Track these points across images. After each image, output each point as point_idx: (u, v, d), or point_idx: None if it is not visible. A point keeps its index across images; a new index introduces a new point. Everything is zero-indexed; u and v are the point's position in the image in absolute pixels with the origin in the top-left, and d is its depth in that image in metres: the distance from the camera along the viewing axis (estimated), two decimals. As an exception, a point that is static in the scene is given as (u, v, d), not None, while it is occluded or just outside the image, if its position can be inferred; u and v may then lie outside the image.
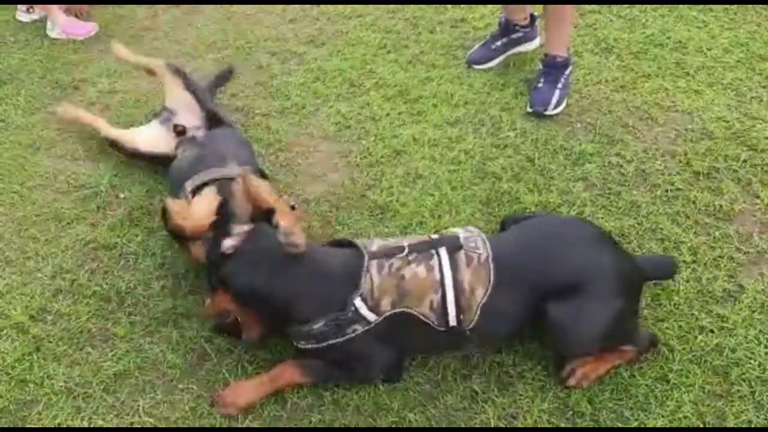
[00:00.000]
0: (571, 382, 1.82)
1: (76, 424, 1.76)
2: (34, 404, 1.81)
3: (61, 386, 1.84)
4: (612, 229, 2.24)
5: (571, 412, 1.79)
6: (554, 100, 2.73)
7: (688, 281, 2.08)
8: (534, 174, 2.49)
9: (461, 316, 1.74)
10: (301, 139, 2.72)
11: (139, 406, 1.80)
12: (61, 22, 3.42)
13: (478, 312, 1.74)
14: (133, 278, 2.15)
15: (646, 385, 1.83)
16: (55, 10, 3.42)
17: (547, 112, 2.73)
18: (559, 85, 2.76)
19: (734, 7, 3.33)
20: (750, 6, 3.33)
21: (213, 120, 2.49)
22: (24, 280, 2.15)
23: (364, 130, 2.75)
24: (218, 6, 3.66)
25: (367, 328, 1.73)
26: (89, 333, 1.99)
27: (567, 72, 2.79)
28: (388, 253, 1.76)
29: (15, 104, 2.96)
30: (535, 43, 3.10)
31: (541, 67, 2.82)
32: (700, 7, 3.34)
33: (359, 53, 3.20)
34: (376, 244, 1.80)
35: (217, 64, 3.18)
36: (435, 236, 1.85)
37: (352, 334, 1.73)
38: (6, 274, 2.16)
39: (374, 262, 1.75)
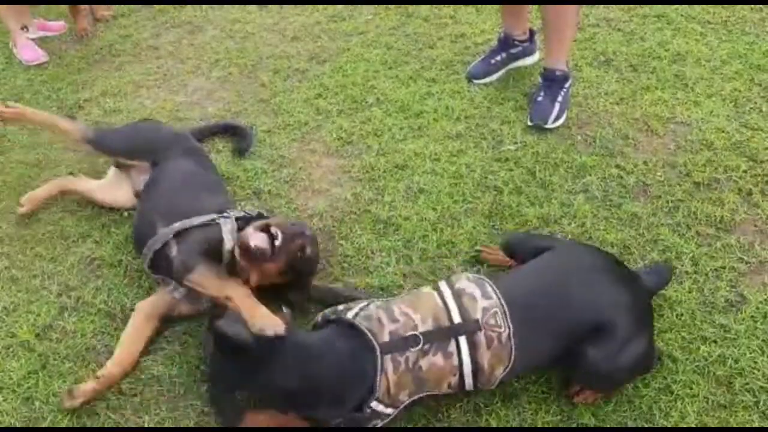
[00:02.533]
0: (578, 399, 1.82)
1: (82, 441, 1.77)
2: (40, 421, 1.82)
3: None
4: (613, 241, 2.25)
5: (575, 425, 1.79)
6: (554, 114, 2.75)
7: (690, 291, 2.08)
8: (535, 187, 2.50)
9: (478, 386, 1.73)
10: (303, 155, 2.74)
11: (144, 422, 1.81)
12: (19, 44, 3.47)
13: (497, 382, 1.73)
14: (137, 296, 2.16)
15: (650, 396, 1.83)
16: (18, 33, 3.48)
17: (547, 126, 2.75)
18: (559, 99, 2.78)
19: (732, 18, 3.36)
20: (748, 17, 3.36)
21: (155, 158, 2.35)
22: (30, 298, 2.16)
23: (367, 145, 2.77)
24: (220, 25, 3.71)
25: (387, 420, 1.70)
26: (94, 350, 2.00)
27: (566, 85, 2.81)
28: (402, 346, 1.64)
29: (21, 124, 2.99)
30: (534, 58, 3.13)
31: (540, 80, 2.85)
32: (698, 19, 3.37)
33: (361, 69, 3.23)
34: (386, 330, 1.66)
35: (221, 82, 3.21)
36: (447, 297, 1.72)
37: (372, 428, 1.71)
38: (12, 292, 2.18)
39: (388, 359, 1.63)
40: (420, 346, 1.65)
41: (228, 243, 1.97)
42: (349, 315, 1.72)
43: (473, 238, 2.31)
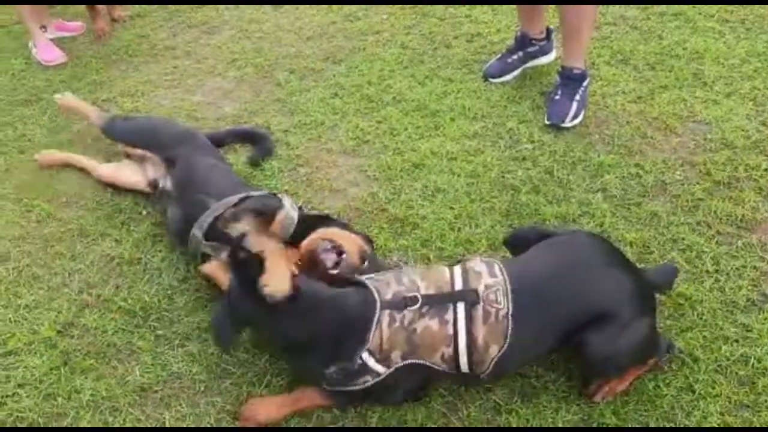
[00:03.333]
0: (598, 398, 1.81)
1: (104, 437, 1.78)
2: (62, 418, 1.83)
3: (89, 400, 1.86)
4: (633, 240, 2.24)
5: (595, 424, 1.77)
6: (572, 113, 2.74)
7: (711, 291, 2.07)
8: (553, 186, 2.49)
9: (473, 366, 1.72)
10: (320, 155, 2.75)
11: (164, 419, 1.82)
12: (38, 45, 3.49)
13: (492, 365, 1.72)
14: (157, 293, 2.17)
15: (672, 395, 1.81)
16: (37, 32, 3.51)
17: (565, 124, 2.74)
18: (577, 98, 2.77)
19: (750, 16, 3.33)
20: (767, 15, 3.33)
21: (168, 154, 2.41)
22: (51, 296, 2.18)
23: (383, 144, 2.77)
24: (236, 25, 3.73)
25: (377, 379, 1.71)
26: (115, 347, 2.01)
27: (584, 84, 2.80)
28: (400, 305, 1.69)
29: (40, 124, 3.03)
30: (551, 57, 3.12)
31: (558, 79, 2.84)
32: (717, 17, 3.35)
33: (376, 69, 3.23)
34: (391, 290, 1.72)
35: (237, 82, 3.22)
36: (456, 273, 1.76)
37: (363, 385, 1.72)
38: (34, 290, 2.20)
39: (386, 313, 1.68)
40: (418, 305, 1.68)
41: (288, 211, 2.03)
42: (363, 277, 1.79)
43: (491, 237, 2.30)
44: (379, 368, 1.69)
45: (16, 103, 3.17)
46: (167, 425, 1.80)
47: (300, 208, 2.14)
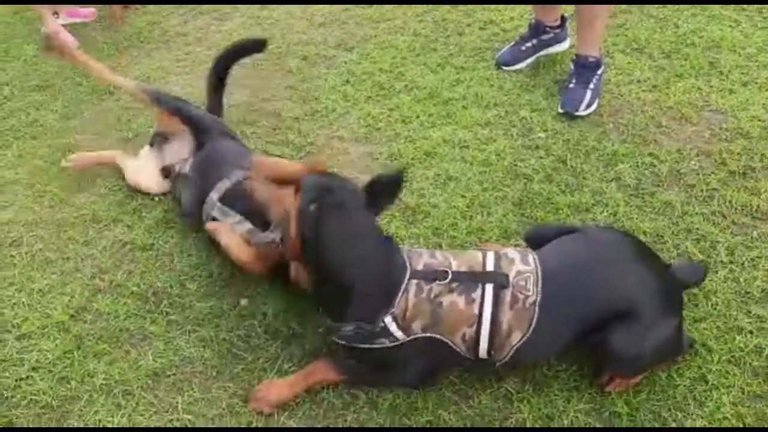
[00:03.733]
0: (609, 388, 1.80)
1: (116, 421, 1.79)
2: (75, 401, 1.84)
3: (102, 384, 1.87)
4: (647, 230, 2.22)
5: (607, 413, 1.77)
6: (585, 101, 2.72)
7: (725, 282, 2.05)
8: (566, 175, 2.48)
9: (492, 352, 1.72)
10: (331, 142, 2.74)
11: (177, 403, 1.83)
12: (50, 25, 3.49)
13: (511, 353, 1.71)
14: (169, 278, 2.18)
15: (685, 386, 1.80)
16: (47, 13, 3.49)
17: (579, 113, 2.72)
18: (591, 86, 2.74)
19: (768, 5, 3.29)
20: (784, 4, 3.29)
21: (200, 136, 2.38)
22: (64, 280, 2.19)
23: (395, 132, 2.76)
24: (247, 12, 3.71)
25: (394, 344, 1.71)
26: (128, 332, 2.02)
27: (599, 72, 2.77)
28: (430, 276, 1.70)
29: (53, 109, 3.03)
30: (565, 45, 3.09)
31: (572, 67, 2.81)
32: (733, 6, 3.30)
33: (389, 56, 3.21)
34: (423, 261, 1.74)
35: (248, 69, 3.22)
36: (488, 258, 1.75)
37: (379, 346, 1.72)
38: (47, 274, 2.21)
39: (414, 282, 1.70)
40: (447, 280, 1.69)
41: None
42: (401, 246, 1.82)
43: (503, 226, 2.29)
44: (398, 334, 1.70)
45: (28, 89, 3.18)
46: (179, 409, 1.81)
47: None
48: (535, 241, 1.97)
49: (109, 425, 1.78)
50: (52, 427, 1.78)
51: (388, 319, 1.68)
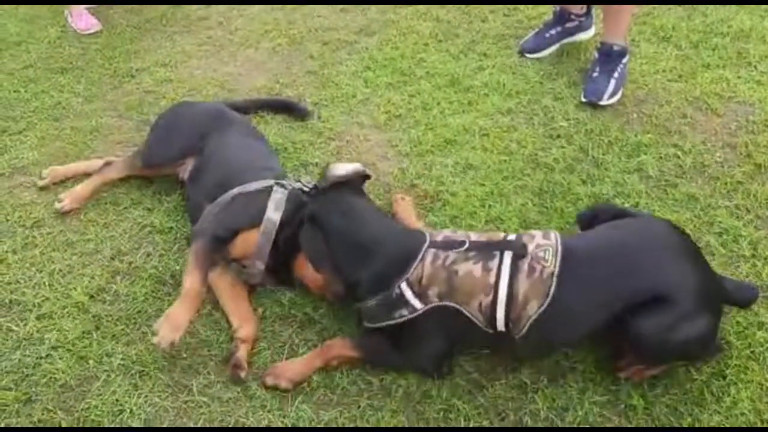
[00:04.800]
0: (624, 374, 1.78)
1: (133, 401, 1.81)
2: (93, 380, 1.87)
3: (120, 364, 1.90)
4: (668, 222, 2.19)
5: (623, 406, 1.75)
6: (609, 90, 2.68)
7: (747, 276, 2.01)
8: (588, 165, 2.45)
9: (510, 324, 1.69)
10: (351, 128, 2.73)
11: (192, 385, 1.84)
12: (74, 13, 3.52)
13: (528, 325, 1.68)
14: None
15: (702, 380, 1.78)
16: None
17: (602, 102, 2.68)
18: (615, 75, 2.70)
19: (801, -6, 3.20)
20: (818, -7, 3.20)
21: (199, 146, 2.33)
22: (84, 262, 2.22)
23: (415, 119, 2.74)
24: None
25: (414, 314, 1.72)
26: (146, 313, 2.04)
27: (623, 61, 2.73)
28: (447, 245, 1.74)
29: (75, 92, 3.05)
30: (590, 33, 3.05)
31: (596, 56, 2.77)
32: (764, -6, 3.23)
33: (410, 42, 3.19)
34: (443, 234, 1.80)
35: (269, 54, 3.21)
36: (508, 236, 1.77)
37: (400, 319, 1.73)
38: (67, 255, 2.24)
39: (431, 251, 1.73)
40: (464, 248, 1.72)
41: (271, 212, 1.98)
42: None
43: (522, 215, 2.27)
44: (416, 303, 1.71)
45: (52, 71, 3.20)
46: (194, 391, 1.83)
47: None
48: (588, 221, 1.94)
49: (126, 406, 1.80)
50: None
51: (403, 285, 1.71)
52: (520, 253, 1.69)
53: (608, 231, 1.81)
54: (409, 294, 1.71)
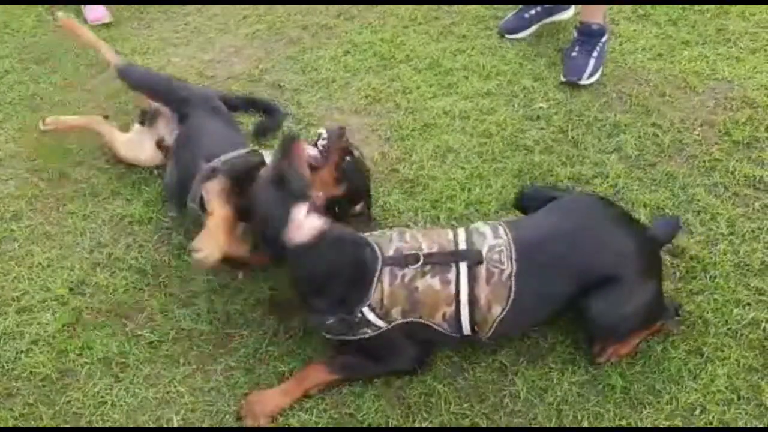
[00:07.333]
0: (602, 359, 1.80)
1: (114, 393, 1.81)
2: (74, 373, 1.87)
3: (100, 356, 1.90)
4: (647, 202, 2.20)
5: (601, 385, 1.77)
6: (589, 69, 2.67)
7: (725, 254, 2.03)
8: (567, 146, 2.45)
9: (475, 327, 1.73)
10: (331, 113, 2.72)
11: (174, 375, 1.85)
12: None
13: (494, 326, 1.72)
14: (167, 252, 2.19)
15: (680, 358, 1.80)
16: None
17: (582, 82, 2.67)
18: (595, 54, 2.69)
19: (780, -31, 3.19)
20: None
21: (183, 110, 2.34)
22: (64, 254, 2.21)
23: (395, 103, 2.73)
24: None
25: (378, 332, 1.72)
26: (126, 305, 2.04)
27: (603, 40, 2.72)
28: (401, 262, 1.70)
29: (52, 82, 3.02)
30: (569, 13, 3.03)
31: (575, 35, 2.76)
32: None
33: (390, 26, 3.17)
34: (393, 246, 1.74)
35: (248, 39, 3.18)
36: (459, 234, 1.76)
37: (365, 336, 1.73)
38: (46, 248, 2.22)
39: (387, 270, 1.70)
40: (419, 264, 1.69)
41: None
42: (366, 234, 1.82)
43: (502, 197, 2.28)
44: (379, 323, 1.71)
45: (28, 62, 3.16)
46: (176, 382, 1.83)
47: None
48: (525, 205, 1.99)
49: (108, 398, 1.80)
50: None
51: (365, 310, 1.69)
52: (476, 260, 1.70)
53: (548, 218, 1.84)
54: (372, 317, 1.70)
